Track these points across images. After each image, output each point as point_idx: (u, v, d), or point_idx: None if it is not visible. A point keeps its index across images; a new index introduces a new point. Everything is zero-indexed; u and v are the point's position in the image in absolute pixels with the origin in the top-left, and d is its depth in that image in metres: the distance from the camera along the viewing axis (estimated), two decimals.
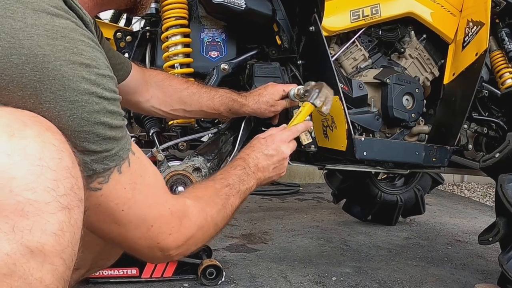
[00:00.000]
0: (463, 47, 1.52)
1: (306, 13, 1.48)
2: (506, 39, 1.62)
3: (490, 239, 1.44)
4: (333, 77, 1.35)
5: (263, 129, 1.45)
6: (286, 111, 1.39)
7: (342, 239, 2.30)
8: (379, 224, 2.61)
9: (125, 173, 0.63)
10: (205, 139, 1.49)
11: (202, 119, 1.49)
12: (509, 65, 1.63)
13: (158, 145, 1.43)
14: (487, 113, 1.68)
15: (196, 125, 1.52)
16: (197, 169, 1.27)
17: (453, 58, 1.57)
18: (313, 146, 1.37)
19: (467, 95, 1.47)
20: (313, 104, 1.18)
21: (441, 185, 3.32)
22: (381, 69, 1.53)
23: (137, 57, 1.56)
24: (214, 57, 1.49)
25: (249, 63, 1.50)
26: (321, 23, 1.40)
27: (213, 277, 1.61)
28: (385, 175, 2.69)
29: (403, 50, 1.57)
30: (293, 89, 1.29)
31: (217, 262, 1.65)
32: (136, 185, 0.65)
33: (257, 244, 2.17)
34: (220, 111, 1.28)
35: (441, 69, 1.62)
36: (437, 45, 1.62)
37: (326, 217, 2.79)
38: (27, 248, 0.45)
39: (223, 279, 1.64)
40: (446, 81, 1.57)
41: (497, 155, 1.38)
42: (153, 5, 1.52)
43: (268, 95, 1.30)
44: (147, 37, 1.56)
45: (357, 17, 1.45)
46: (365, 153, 1.37)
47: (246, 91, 1.38)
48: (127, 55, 1.53)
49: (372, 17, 1.47)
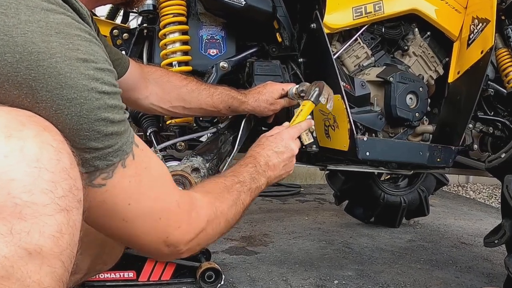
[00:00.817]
0: (468, 45, 1.52)
1: (307, 10, 1.48)
2: None
3: (496, 242, 1.44)
4: (335, 75, 1.36)
5: (263, 128, 1.45)
6: (286, 110, 1.39)
7: (344, 242, 2.30)
8: (382, 226, 2.61)
9: (129, 167, 0.62)
10: (204, 139, 1.49)
11: (200, 119, 1.49)
12: None
13: (156, 145, 1.43)
14: (492, 112, 1.68)
15: (194, 125, 1.52)
16: (196, 170, 1.27)
17: (458, 56, 1.57)
18: (314, 146, 1.37)
19: (472, 94, 1.47)
20: (316, 101, 1.20)
21: (445, 186, 3.32)
22: (384, 67, 1.53)
23: (134, 55, 1.56)
24: (213, 55, 1.49)
25: (249, 61, 1.50)
26: (322, 20, 1.40)
27: (212, 280, 1.61)
28: (388, 176, 2.69)
29: (406, 47, 1.57)
30: (292, 88, 1.31)
31: (216, 265, 1.65)
32: (141, 178, 0.64)
33: (257, 246, 2.17)
34: (219, 108, 1.29)
35: (446, 67, 1.62)
36: (441, 43, 1.62)
37: (327, 219, 2.79)
38: (25, 250, 0.46)
39: (222, 283, 1.64)
40: (450, 79, 1.57)
41: (503, 155, 1.38)
42: (150, 2, 1.52)
43: (267, 94, 1.31)
44: (145, 34, 1.56)
45: (359, 14, 1.45)
46: (367, 153, 1.37)
47: (245, 89, 1.38)
48: (124, 53, 1.53)
49: (375, 14, 1.47)
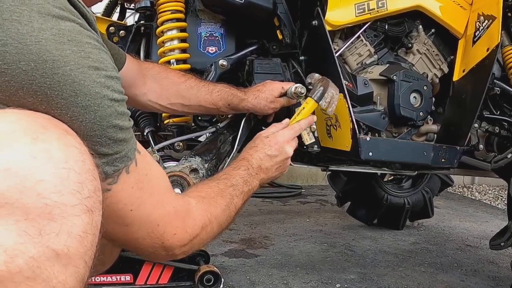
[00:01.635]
0: (474, 42, 1.52)
1: (308, 7, 1.48)
2: None
3: (502, 244, 1.44)
4: (337, 73, 1.35)
5: (263, 128, 1.45)
6: (287, 109, 1.39)
7: (346, 244, 2.30)
8: (385, 228, 2.61)
9: (132, 173, 0.65)
10: (202, 139, 1.49)
11: (199, 118, 1.49)
12: None
13: (153, 145, 1.43)
14: (498, 112, 1.68)
15: (193, 124, 1.52)
16: (194, 170, 1.27)
17: (463, 53, 1.57)
18: (316, 146, 1.37)
19: (477, 92, 1.47)
20: (317, 102, 1.20)
21: (450, 187, 3.32)
22: (388, 65, 1.53)
23: (131, 52, 1.55)
24: (212, 52, 1.49)
25: (248, 59, 1.50)
26: (324, 17, 1.40)
27: (211, 284, 1.61)
28: (392, 177, 2.69)
29: (410, 45, 1.57)
30: (292, 87, 1.31)
31: (215, 268, 1.65)
32: (143, 184, 0.67)
33: (257, 249, 2.17)
34: (218, 106, 1.30)
35: (451, 66, 1.62)
36: (446, 40, 1.62)
37: (329, 220, 2.79)
38: (53, 251, 0.47)
39: (221, 286, 1.64)
40: (455, 78, 1.57)
41: (509, 156, 1.38)
42: None
43: (267, 91, 1.32)
44: (142, 31, 1.56)
45: (362, 10, 1.45)
46: (370, 154, 1.37)
47: (245, 88, 1.38)
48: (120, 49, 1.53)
49: (378, 11, 1.47)
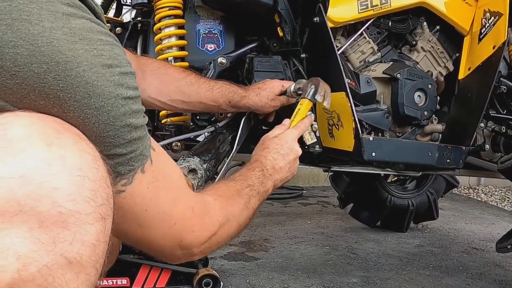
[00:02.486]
0: (480, 40, 1.52)
1: (310, 3, 1.48)
2: None
3: (508, 247, 1.44)
4: (339, 71, 1.35)
5: (263, 128, 1.45)
6: (287, 108, 1.39)
7: (349, 247, 2.30)
8: (389, 230, 2.61)
9: (147, 172, 0.64)
10: (201, 138, 1.49)
11: (197, 117, 1.49)
12: None
13: None
14: (505, 111, 1.68)
15: (191, 124, 1.52)
16: (193, 171, 1.27)
17: (469, 51, 1.57)
18: (317, 146, 1.37)
19: (483, 91, 1.47)
20: (313, 99, 1.22)
21: (455, 189, 3.32)
22: (391, 63, 1.53)
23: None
24: (210, 50, 1.49)
25: (248, 56, 1.50)
26: (326, 13, 1.40)
27: (209, 287, 1.61)
28: (396, 178, 2.69)
29: (414, 42, 1.57)
30: (291, 86, 1.33)
31: (214, 271, 1.65)
32: (158, 183, 0.67)
33: (257, 252, 2.17)
34: (219, 103, 1.30)
35: (456, 63, 1.61)
36: (451, 38, 1.62)
37: (331, 223, 2.79)
38: (66, 259, 0.48)
39: None
40: (461, 76, 1.57)
41: None
42: None
43: (268, 89, 1.33)
44: (139, 28, 1.56)
45: (365, 7, 1.45)
46: (373, 154, 1.37)
47: (245, 86, 1.38)
48: None
49: (381, 7, 1.47)
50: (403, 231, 2.59)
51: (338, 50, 1.43)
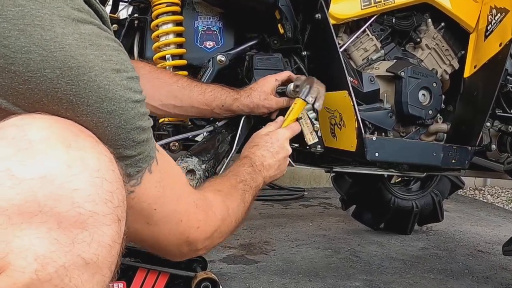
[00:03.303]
0: (486, 37, 1.52)
1: None
2: None
3: None
4: (342, 69, 1.35)
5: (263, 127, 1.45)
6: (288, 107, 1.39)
7: (351, 250, 2.30)
8: (393, 233, 2.61)
9: (154, 172, 0.67)
10: (199, 138, 1.49)
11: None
12: None
13: None
14: None
15: (189, 123, 1.52)
16: (191, 171, 1.26)
17: (475, 48, 1.57)
18: (319, 146, 1.37)
19: (490, 89, 1.47)
20: (304, 100, 1.23)
21: (461, 190, 3.32)
22: (395, 61, 1.53)
23: (124, 48, 1.55)
24: (209, 47, 1.49)
25: (248, 54, 1.50)
26: (328, 10, 1.40)
27: None
28: (399, 179, 2.69)
29: (419, 40, 1.57)
30: (290, 85, 1.32)
31: (213, 275, 1.65)
32: (165, 182, 0.70)
33: (257, 255, 2.17)
34: (212, 106, 1.30)
35: (461, 61, 1.62)
36: (456, 35, 1.62)
37: (333, 225, 2.79)
38: (84, 260, 0.50)
39: None
40: (466, 74, 1.57)
41: None
42: None
43: (259, 88, 1.31)
44: (135, 25, 1.56)
45: (368, 3, 1.45)
46: (377, 154, 1.37)
47: (245, 85, 1.38)
48: None
49: (384, 3, 1.47)
50: (407, 233, 2.59)
51: (340, 47, 1.43)
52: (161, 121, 1.48)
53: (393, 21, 1.54)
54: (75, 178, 0.50)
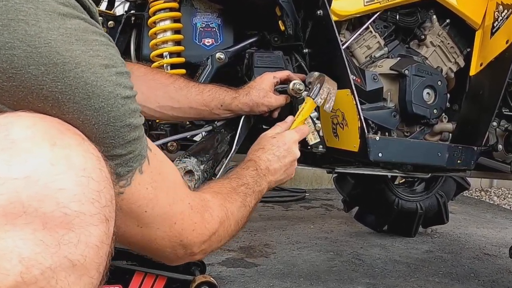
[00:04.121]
0: (492, 34, 1.52)
1: None
2: None
3: None
4: (344, 67, 1.35)
5: (264, 127, 1.45)
6: (290, 106, 1.39)
7: (354, 253, 2.30)
8: (396, 235, 2.61)
9: (146, 173, 0.66)
10: (198, 138, 1.49)
11: None
12: None
13: None
14: None
15: (187, 123, 1.52)
16: (189, 172, 1.26)
17: (481, 46, 1.57)
18: (321, 146, 1.37)
19: (496, 88, 1.47)
20: (314, 101, 1.22)
21: (466, 191, 3.32)
22: (399, 58, 1.53)
23: (121, 45, 1.55)
24: (208, 45, 1.49)
25: (248, 51, 1.50)
26: (330, 6, 1.40)
27: None
28: (403, 180, 2.69)
29: (423, 37, 1.57)
30: (290, 84, 1.31)
31: (212, 278, 1.65)
32: (157, 184, 0.69)
33: (257, 258, 2.17)
34: (211, 107, 1.30)
35: (467, 59, 1.62)
36: (462, 32, 1.62)
37: (335, 227, 2.79)
38: (70, 261, 0.49)
39: None
40: (472, 72, 1.57)
41: None
42: None
43: (257, 86, 1.31)
44: (132, 22, 1.56)
45: None
46: (380, 154, 1.37)
47: (244, 84, 1.38)
48: None
49: (388, 0, 1.47)
50: (411, 236, 2.59)
51: (342, 45, 1.43)
52: (158, 120, 1.48)
53: (397, 17, 1.54)
54: (60, 177, 0.49)
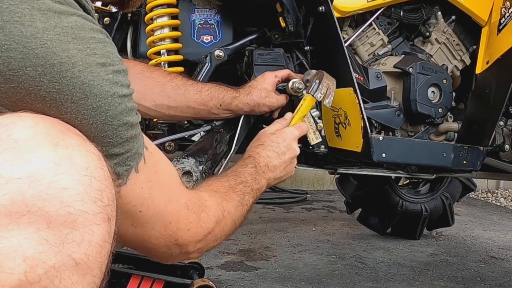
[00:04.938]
0: (499, 31, 1.52)
1: None
2: None
3: None
4: (347, 65, 1.35)
5: (264, 126, 1.45)
6: (291, 104, 1.39)
7: (356, 256, 2.30)
8: (400, 238, 2.61)
9: (141, 172, 0.68)
10: (196, 138, 1.49)
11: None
12: None
13: None
14: None
15: (185, 122, 1.52)
16: (187, 173, 1.26)
17: (487, 43, 1.57)
18: (323, 146, 1.37)
19: (503, 86, 1.47)
20: (313, 97, 1.22)
21: (472, 193, 3.32)
22: (403, 56, 1.53)
23: (117, 42, 1.55)
24: (207, 42, 1.49)
25: (248, 49, 1.50)
26: (332, 2, 1.40)
27: None
28: (408, 181, 2.69)
29: (428, 34, 1.57)
30: (289, 82, 1.31)
31: (211, 282, 1.65)
32: (152, 183, 0.70)
33: (257, 261, 2.17)
34: (209, 106, 1.29)
35: (473, 57, 1.62)
36: (468, 28, 1.62)
37: (338, 229, 2.79)
38: (74, 260, 0.50)
39: None
40: (478, 70, 1.57)
41: None
42: None
43: (259, 85, 1.31)
44: (129, 18, 1.56)
45: None
46: (383, 155, 1.37)
47: (244, 82, 1.38)
48: None
49: None
50: (416, 238, 2.59)
51: (345, 42, 1.43)
52: (155, 119, 1.48)
53: (401, 14, 1.54)
54: (63, 177, 0.50)
